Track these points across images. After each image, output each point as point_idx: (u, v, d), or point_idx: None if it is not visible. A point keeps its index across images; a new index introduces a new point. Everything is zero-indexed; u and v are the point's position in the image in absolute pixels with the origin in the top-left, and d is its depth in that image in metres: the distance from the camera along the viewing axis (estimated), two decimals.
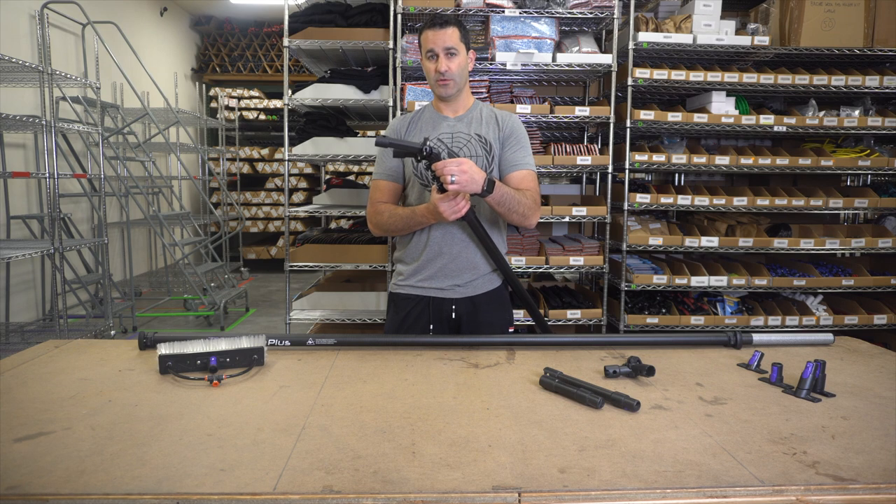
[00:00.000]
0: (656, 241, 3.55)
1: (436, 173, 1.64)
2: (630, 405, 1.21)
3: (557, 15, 3.36)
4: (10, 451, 1.01)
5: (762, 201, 3.54)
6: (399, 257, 2.00)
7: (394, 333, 1.95)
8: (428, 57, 1.85)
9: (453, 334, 1.92)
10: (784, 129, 3.49)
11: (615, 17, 3.37)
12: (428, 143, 1.66)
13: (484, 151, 1.88)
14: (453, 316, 1.91)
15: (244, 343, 1.45)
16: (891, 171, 3.64)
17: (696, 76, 3.42)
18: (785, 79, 3.44)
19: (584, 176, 4.21)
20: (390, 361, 1.52)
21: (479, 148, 1.88)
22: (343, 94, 3.52)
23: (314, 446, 1.05)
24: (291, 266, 3.58)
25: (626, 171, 3.49)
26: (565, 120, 3.44)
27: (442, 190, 1.66)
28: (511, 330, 2.02)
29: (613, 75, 3.41)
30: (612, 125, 3.44)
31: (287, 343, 1.61)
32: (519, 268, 3.49)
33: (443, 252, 1.88)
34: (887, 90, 3.51)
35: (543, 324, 2.11)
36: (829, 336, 1.74)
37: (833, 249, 3.59)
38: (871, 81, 3.46)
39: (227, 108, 8.22)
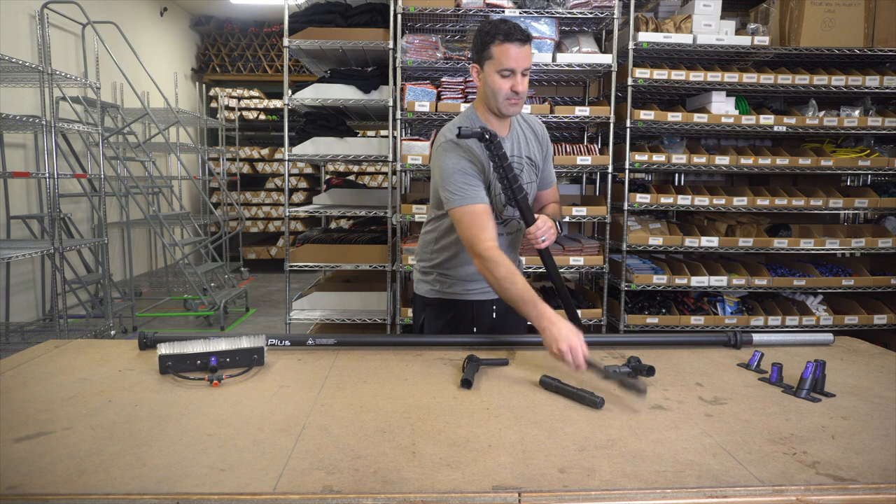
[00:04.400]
0: (656, 241, 3.55)
1: (527, 233, 1.73)
2: (638, 389, 1.26)
3: (557, 15, 3.36)
4: (10, 451, 1.01)
5: (762, 201, 3.54)
6: (439, 265, 1.89)
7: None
8: (503, 74, 1.65)
9: (494, 333, 1.87)
10: (784, 129, 3.49)
11: (615, 17, 3.37)
12: (487, 129, 1.64)
13: (535, 176, 1.86)
14: (494, 315, 1.90)
15: (244, 343, 1.45)
16: (891, 171, 3.64)
17: (696, 76, 3.42)
18: (785, 79, 3.44)
19: (584, 176, 4.21)
20: (390, 361, 1.52)
21: (531, 173, 1.84)
22: (343, 94, 3.52)
23: (314, 446, 1.05)
24: (291, 266, 3.58)
25: (626, 171, 3.48)
26: (565, 120, 3.44)
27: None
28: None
29: (613, 75, 3.41)
30: (612, 125, 3.44)
31: (287, 343, 1.61)
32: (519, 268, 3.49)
33: None
34: (887, 90, 3.51)
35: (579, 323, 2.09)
36: (829, 336, 1.74)
37: (833, 249, 3.59)
38: (871, 81, 3.46)
39: (227, 108, 8.22)
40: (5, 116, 3.57)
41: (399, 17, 3.34)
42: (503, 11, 3.34)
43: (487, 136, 1.60)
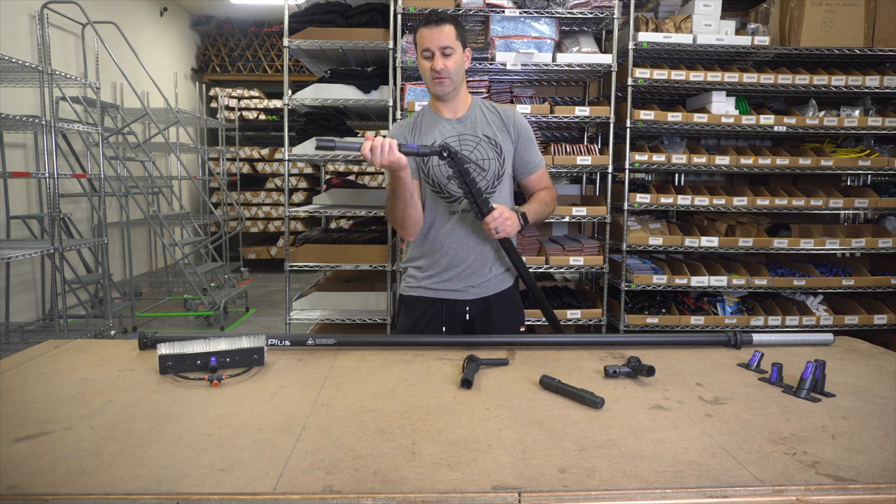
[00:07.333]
0: (656, 241, 3.55)
1: (484, 220, 1.74)
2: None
3: (557, 15, 3.36)
4: (10, 451, 1.01)
5: (762, 201, 3.54)
6: (412, 261, 1.97)
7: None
8: (424, 56, 1.81)
9: (466, 334, 1.90)
10: (784, 129, 3.49)
11: (615, 17, 3.37)
12: (447, 146, 1.69)
13: (494, 154, 1.86)
14: (467, 317, 1.90)
15: (244, 343, 1.45)
16: (891, 171, 3.64)
17: (696, 76, 3.42)
18: (785, 79, 3.44)
19: (584, 176, 4.21)
20: (390, 361, 1.52)
21: (489, 150, 1.86)
22: (343, 94, 3.52)
23: (314, 446, 1.05)
24: (291, 266, 3.58)
25: (626, 171, 3.48)
26: (565, 120, 3.44)
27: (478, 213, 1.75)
28: (522, 329, 2.01)
29: (613, 75, 3.41)
30: (612, 125, 3.44)
31: (287, 343, 1.61)
32: None
33: (459, 259, 1.88)
34: (887, 90, 3.51)
35: (557, 325, 2.11)
36: (829, 336, 1.73)
37: (833, 249, 3.59)
38: (871, 81, 3.46)
39: (227, 108, 8.22)
40: (5, 116, 3.57)
41: (399, 17, 3.34)
42: (503, 11, 3.34)
43: (446, 154, 1.68)
